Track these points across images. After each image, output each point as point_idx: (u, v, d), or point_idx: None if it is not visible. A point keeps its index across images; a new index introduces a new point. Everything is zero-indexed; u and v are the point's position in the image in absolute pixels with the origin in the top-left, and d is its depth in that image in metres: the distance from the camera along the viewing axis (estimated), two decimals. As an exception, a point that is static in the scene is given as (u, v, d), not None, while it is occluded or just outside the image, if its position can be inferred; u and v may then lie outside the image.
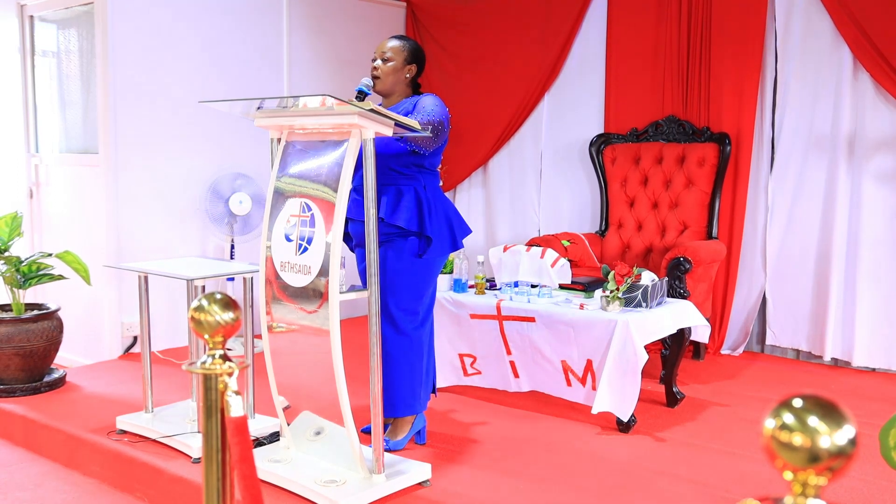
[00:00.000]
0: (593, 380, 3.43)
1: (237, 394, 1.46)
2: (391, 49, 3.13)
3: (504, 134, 5.73)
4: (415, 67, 3.18)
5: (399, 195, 3.02)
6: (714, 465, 3.10)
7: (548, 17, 5.48)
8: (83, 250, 4.36)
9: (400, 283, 3.04)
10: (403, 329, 3.06)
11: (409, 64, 3.16)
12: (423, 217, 3.02)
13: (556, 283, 3.81)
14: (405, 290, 3.05)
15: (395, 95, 3.18)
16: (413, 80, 3.20)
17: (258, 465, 2.21)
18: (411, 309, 3.07)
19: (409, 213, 3.00)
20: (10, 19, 4.97)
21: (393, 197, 3.01)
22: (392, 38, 3.18)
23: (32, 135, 5.02)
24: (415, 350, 3.11)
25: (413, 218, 3.01)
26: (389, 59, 3.12)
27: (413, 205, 3.02)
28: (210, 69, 4.94)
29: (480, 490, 2.83)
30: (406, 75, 3.16)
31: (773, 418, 0.81)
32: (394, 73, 3.13)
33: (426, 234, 3.03)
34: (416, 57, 3.18)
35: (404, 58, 3.14)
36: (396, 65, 3.13)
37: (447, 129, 3.04)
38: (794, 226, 4.67)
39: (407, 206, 3.00)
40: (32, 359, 3.91)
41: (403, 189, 3.03)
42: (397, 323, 3.05)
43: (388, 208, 2.99)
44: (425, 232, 3.02)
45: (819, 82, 4.54)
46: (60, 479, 3.30)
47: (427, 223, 3.02)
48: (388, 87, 3.14)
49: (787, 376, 4.38)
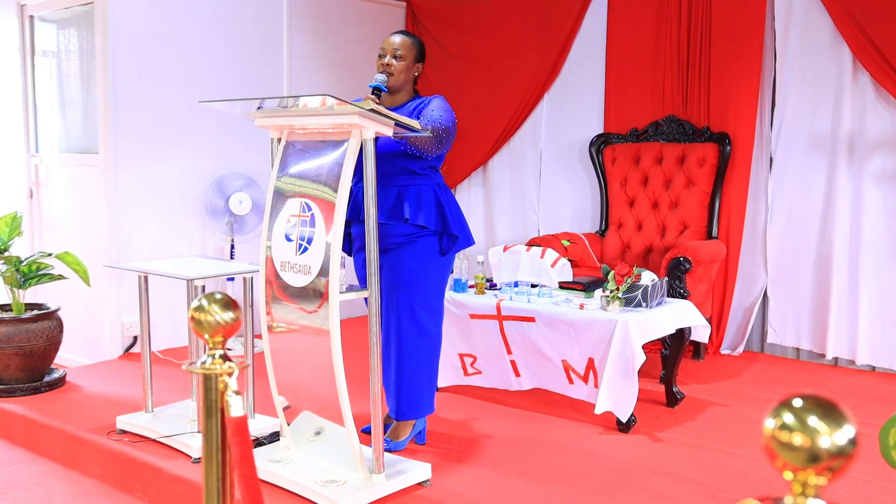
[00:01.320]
0: (595, 377, 3.43)
1: (237, 394, 1.46)
2: (402, 46, 3.09)
3: (504, 134, 5.73)
4: (421, 66, 3.16)
5: (419, 196, 3.02)
6: (714, 465, 3.10)
7: (548, 17, 5.48)
8: (83, 250, 4.37)
9: (422, 283, 3.04)
10: (427, 330, 3.08)
11: (418, 62, 3.14)
12: (446, 216, 3.04)
13: (556, 282, 3.81)
14: (428, 289, 3.06)
15: (401, 94, 3.14)
16: (417, 77, 3.18)
17: (258, 465, 2.21)
18: (434, 308, 3.10)
19: (432, 212, 3.01)
20: (10, 19, 4.97)
21: (414, 198, 3.01)
22: (399, 34, 3.13)
23: (32, 135, 5.02)
24: (436, 350, 3.15)
25: (437, 217, 3.02)
26: (402, 57, 3.08)
27: (434, 204, 3.03)
28: (210, 69, 4.94)
29: (480, 490, 2.83)
30: (414, 73, 3.14)
31: (773, 418, 0.81)
32: (406, 70, 3.10)
33: (452, 233, 3.04)
34: (423, 55, 3.16)
35: (414, 56, 3.12)
36: (408, 63, 3.10)
37: (453, 137, 3.00)
38: (794, 225, 4.67)
39: (428, 205, 3.01)
40: (32, 359, 3.91)
41: (423, 190, 3.03)
42: (421, 324, 3.06)
43: (411, 209, 2.99)
44: (450, 230, 3.03)
45: (819, 82, 4.54)
46: (60, 479, 3.30)
47: (450, 221, 3.04)
48: (399, 83, 3.10)
49: (787, 376, 4.38)
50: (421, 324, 3.06)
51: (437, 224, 3.02)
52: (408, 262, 3.02)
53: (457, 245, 3.11)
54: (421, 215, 2.99)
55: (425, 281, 3.05)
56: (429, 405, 3.17)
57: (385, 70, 3.08)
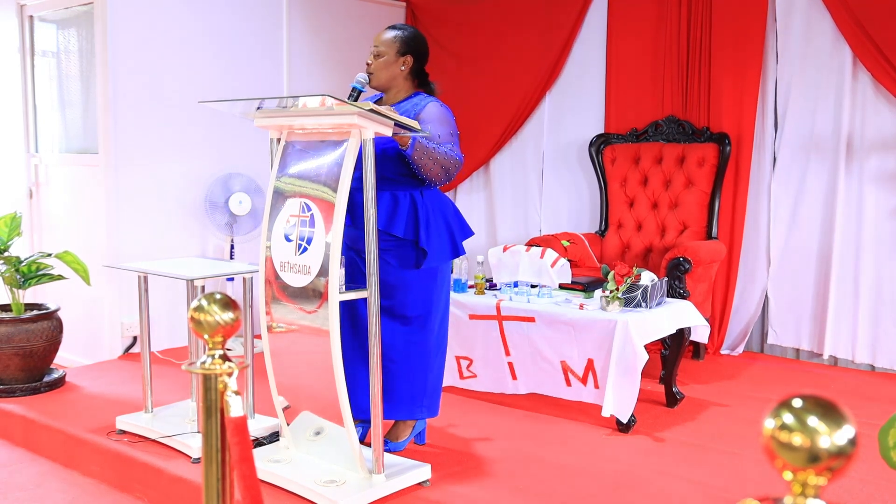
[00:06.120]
0: (595, 378, 3.43)
1: (237, 394, 1.46)
2: (383, 43, 3.02)
3: (505, 134, 5.73)
4: (410, 59, 3.03)
5: (395, 203, 2.92)
6: (714, 465, 3.10)
7: (548, 17, 5.48)
8: (83, 250, 4.36)
9: (403, 291, 2.98)
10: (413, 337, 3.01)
11: (403, 56, 3.02)
12: (420, 227, 2.92)
13: (556, 283, 3.81)
14: (410, 296, 2.98)
15: (395, 90, 3.06)
16: (415, 71, 3.07)
17: (258, 465, 2.20)
18: (422, 314, 3.02)
19: (402, 221, 2.90)
20: (10, 19, 4.97)
21: (388, 205, 2.92)
22: (386, 30, 3.06)
23: (32, 135, 5.02)
24: (427, 356, 3.06)
25: (407, 227, 2.91)
26: (380, 54, 3.02)
27: (407, 213, 2.92)
28: (210, 69, 4.94)
29: (480, 490, 2.83)
30: (401, 68, 3.03)
31: (773, 418, 0.81)
32: (386, 67, 3.01)
33: (421, 247, 2.93)
34: (410, 47, 3.03)
35: (396, 50, 3.01)
36: (388, 59, 3.01)
37: (461, 166, 2.94)
38: (796, 225, 4.67)
39: (401, 214, 2.91)
40: (32, 359, 3.91)
41: (399, 196, 2.93)
42: (404, 330, 3.00)
43: (383, 217, 2.89)
44: (420, 244, 2.92)
45: (820, 82, 4.54)
46: (60, 479, 3.29)
47: (423, 234, 2.92)
48: (382, 82, 3.03)
49: (787, 376, 4.38)
50: (404, 329, 3.01)
51: (406, 233, 2.91)
52: (387, 269, 2.94)
53: (430, 259, 2.94)
54: (392, 223, 2.89)
55: (408, 290, 2.97)
56: (420, 409, 3.10)
57: (367, 69, 3.03)
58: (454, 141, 2.97)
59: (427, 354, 3.09)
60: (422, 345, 3.07)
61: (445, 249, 3.01)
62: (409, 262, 2.98)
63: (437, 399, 3.17)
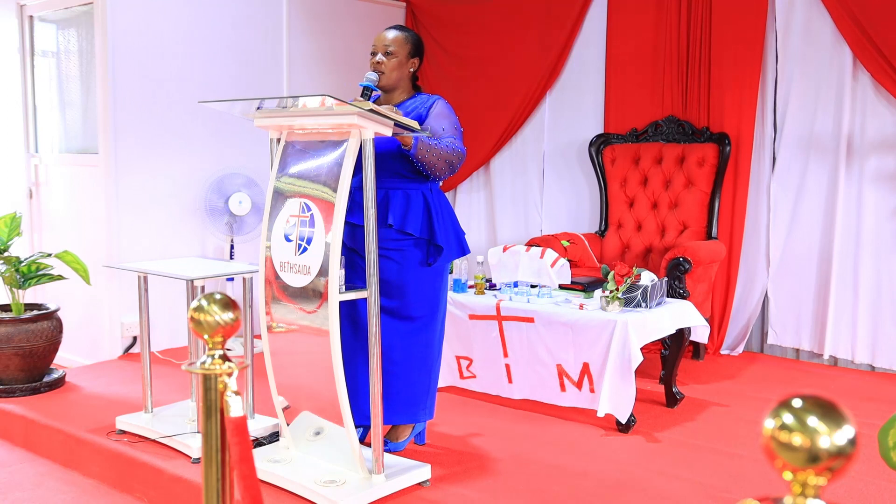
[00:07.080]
0: (590, 382, 3.43)
1: (237, 394, 1.46)
2: (394, 42, 2.97)
3: (505, 134, 5.73)
4: (417, 61, 3.03)
5: (407, 201, 2.92)
6: (714, 465, 3.10)
7: (548, 18, 5.48)
8: (83, 250, 4.36)
9: (412, 292, 2.97)
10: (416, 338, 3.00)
11: (413, 57, 3.01)
12: (434, 224, 2.93)
13: (556, 283, 3.80)
14: (415, 297, 2.98)
15: (398, 91, 3.05)
16: (414, 73, 3.08)
17: (258, 465, 2.21)
18: (425, 316, 3.01)
19: (418, 219, 2.91)
20: (10, 19, 4.97)
21: (401, 202, 2.91)
22: (392, 29, 3.03)
23: (32, 135, 5.02)
24: (429, 358, 3.05)
25: (423, 225, 2.91)
26: (393, 54, 2.97)
27: (422, 211, 2.93)
28: (210, 69, 4.94)
29: (480, 490, 2.83)
30: (410, 69, 3.02)
31: (773, 418, 0.81)
32: (398, 67, 2.98)
33: (437, 243, 2.93)
34: (418, 50, 3.03)
35: (408, 51, 2.99)
36: (401, 59, 2.98)
37: (464, 159, 2.94)
38: (796, 225, 4.67)
39: (415, 212, 2.91)
40: (32, 359, 3.91)
41: (412, 194, 2.94)
42: (407, 331, 2.99)
43: (397, 215, 2.89)
44: (436, 241, 2.92)
45: (820, 82, 4.54)
46: (60, 479, 3.29)
47: (437, 231, 2.93)
48: (392, 82, 2.99)
49: (787, 376, 4.38)
50: (407, 331, 3.00)
51: (422, 232, 2.91)
52: (395, 268, 2.94)
53: (443, 256, 2.96)
54: (407, 222, 2.89)
55: (415, 290, 2.97)
56: (422, 412, 3.10)
57: (376, 69, 2.98)
58: (457, 135, 2.97)
59: (429, 356, 3.09)
60: (425, 345, 3.06)
61: (454, 247, 3.04)
62: (417, 260, 2.97)
63: (434, 401, 3.17)
